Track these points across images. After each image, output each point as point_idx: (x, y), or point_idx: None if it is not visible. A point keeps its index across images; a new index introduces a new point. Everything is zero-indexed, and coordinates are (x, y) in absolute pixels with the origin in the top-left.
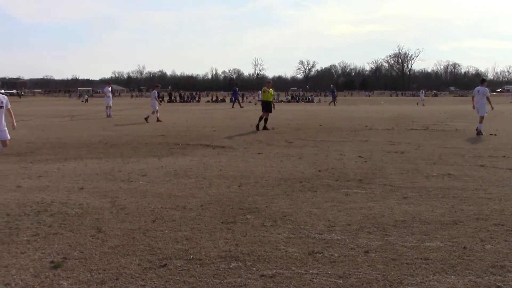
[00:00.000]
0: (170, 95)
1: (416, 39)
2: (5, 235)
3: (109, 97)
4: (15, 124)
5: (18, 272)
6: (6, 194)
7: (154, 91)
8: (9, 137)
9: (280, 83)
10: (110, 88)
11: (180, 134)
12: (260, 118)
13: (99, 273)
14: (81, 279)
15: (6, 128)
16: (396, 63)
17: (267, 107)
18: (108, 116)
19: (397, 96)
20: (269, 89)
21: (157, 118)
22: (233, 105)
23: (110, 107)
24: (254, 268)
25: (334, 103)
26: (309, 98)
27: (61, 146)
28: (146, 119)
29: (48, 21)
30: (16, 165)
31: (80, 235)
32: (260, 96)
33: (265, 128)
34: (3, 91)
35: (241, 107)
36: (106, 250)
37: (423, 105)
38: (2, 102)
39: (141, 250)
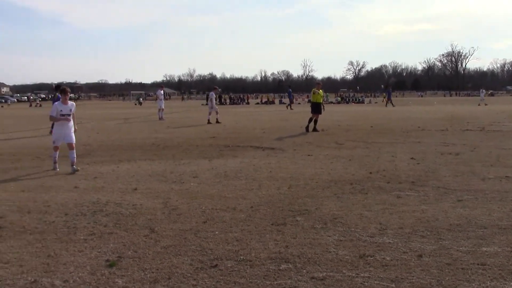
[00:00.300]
0: (220, 97)
1: (470, 37)
2: (64, 234)
3: (161, 100)
4: (76, 128)
5: (76, 270)
6: (64, 194)
7: (212, 93)
8: (75, 141)
9: (330, 84)
10: (162, 91)
11: (230, 136)
12: (310, 120)
13: (152, 272)
14: (135, 278)
15: (72, 132)
16: (449, 62)
17: (316, 108)
18: (160, 118)
19: (450, 96)
20: (319, 90)
21: (208, 120)
22: (287, 106)
23: (163, 109)
24: (304, 270)
25: (387, 104)
26: (359, 99)
27: (116, 148)
28: (217, 121)
29: (103, 27)
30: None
31: (134, 235)
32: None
33: (314, 129)
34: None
35: (291, 109)
36: (158, 249)
37: (480, 104)
38: (71, 110)
39: (193, 250)
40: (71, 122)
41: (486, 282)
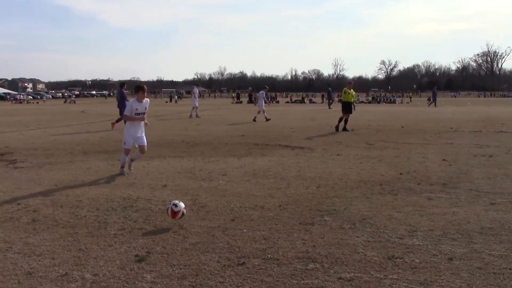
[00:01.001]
0: (250, 96)
1: (507, 36)
2: (95, 228)
3: (195, 98)
4: (147, 122)
5: (106, 264)
6: (96, 190)
7: (262, 91)
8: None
9: (361, 84)
10: (197, 90)
11: (259, 135)
12: (340, 119)
13: (180, 268)
14: (163, 273)
15: (144, 133)
16: (484, 62)
17: (347, 108)
18: (191, 116)
19: (485, 97)
20: (350, 90)
21: (266, 118)
22: (329, 105)
23: (196, 107)
24: (332, 271)
25: (429, 104)
26: (390, 99)
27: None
28: (254, 119)
29: (136, 25)
30: (105, 162)
31: (163, 231)
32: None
33: (344, 129)
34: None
35: (329, 108)
36: (187, 246)
37: None
38: (146, 108)
39: (220, 248)
40: (143, 122)
41: None
